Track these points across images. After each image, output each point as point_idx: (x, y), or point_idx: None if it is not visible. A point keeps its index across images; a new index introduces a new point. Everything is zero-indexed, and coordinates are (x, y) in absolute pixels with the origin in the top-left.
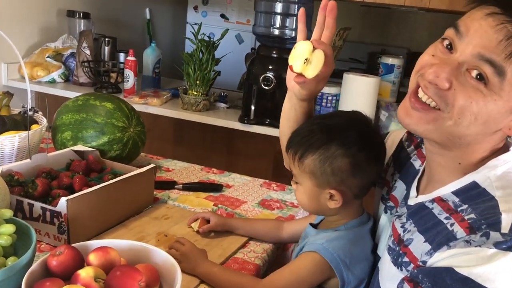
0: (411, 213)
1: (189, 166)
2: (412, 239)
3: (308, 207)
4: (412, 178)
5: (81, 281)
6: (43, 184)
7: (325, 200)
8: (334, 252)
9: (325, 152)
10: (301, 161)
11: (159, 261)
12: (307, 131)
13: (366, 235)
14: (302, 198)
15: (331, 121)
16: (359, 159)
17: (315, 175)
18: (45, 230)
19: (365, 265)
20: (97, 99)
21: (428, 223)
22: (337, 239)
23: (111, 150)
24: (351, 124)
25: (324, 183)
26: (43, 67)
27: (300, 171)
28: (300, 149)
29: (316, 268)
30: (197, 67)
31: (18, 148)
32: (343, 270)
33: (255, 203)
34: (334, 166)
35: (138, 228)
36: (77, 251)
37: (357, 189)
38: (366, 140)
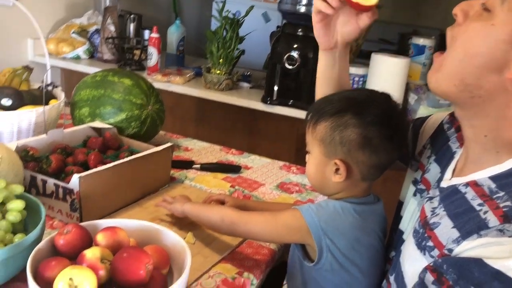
0: (443, 196)
1: (209, 146)
2: (439, 223)
3: (313, 179)
4: (448, 161)
5: (87, 261)
6: (57, 160)
7: (330, 173)
8: (315, 216)
9: (338, 119)
10: (314, 126)
11: (169, 242)
12: (327, 99)
13: (368, 215)
14: (310, 168)
15: (352, 93)
16: (371, 133)
17: (324, 142)
18: (57, 207)
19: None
20: (116, 75)
21: (459, 208)
22: (326, 206)
23: (129, 127)
24: (372, 99)
25: (331, 152)
26: (68, 43)
27: (312, 138)
28: (315, 115)
29: (293, 223)
30: (220, 45)
31: (35, 123)
32: (321, 236)
33: (274, 186)
34: (344, 134)
35: (153, 208)
36: (85, 230)
37: (364, 167)
38: (384, 117)
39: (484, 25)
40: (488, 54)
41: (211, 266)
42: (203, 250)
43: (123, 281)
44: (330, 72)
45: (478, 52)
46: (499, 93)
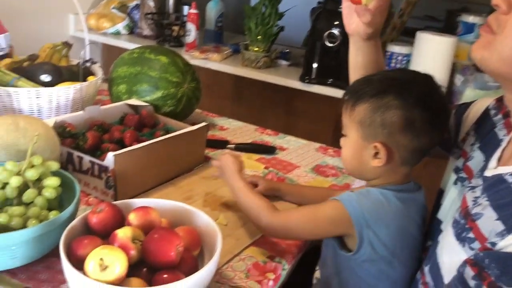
0: (487, 186)
1: (244, 126)
2: (482, 214)
3: (350, 164)
4: (493, 148)
5: (119, 241)
6: (94, 137)
7: (368, 157)
8: (358, 206)
9: (379, 101)
10: (352, 108)
11: (201, 224)
12: (367, 80)
13: (408, 204)
14: (346, 152)
15: (394, 73)
16: (414, 115)
17: (363, 125)
18: (93, 184)
19: (400, 236)
20: (152, 52)
21: (505, 199)
22: (368, 195)
23: (164, 105)
24: (414, 79)
25: (371, 135)
26: (108, 19)
27: (350, 120)
28: (354, 96)
29: (335, 216)
30: (259, 21)
31: (73, 99)
32: (363, 227)
33: (309, 169)
34: (386, 116)
35: (187, 187)
36: (118, 209)
37: (405, 151)
38: (427, 99)
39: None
40: None
41: (243, 249)
42: (235, 232)
43: (153, 261)
44: (354, 60)
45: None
46: None
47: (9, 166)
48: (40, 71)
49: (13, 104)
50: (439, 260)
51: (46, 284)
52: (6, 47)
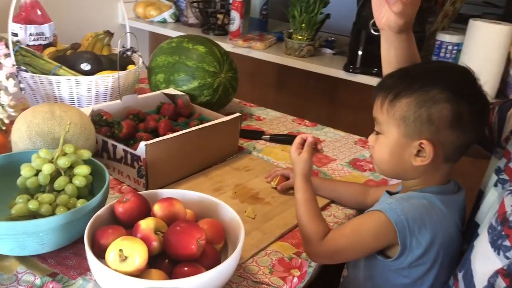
0: None
1: (281, 116)
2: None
3: (385, 166)
4: None
5: (141, 232)
6: (128, 126)
7: (409, 156)
8: (402, 214)
9: (425, 94)
10: (392, 104)
11: (226, 217)
12: (404, 72)
13: (452, 208)
14: (381, 152)
15: (433, 66)
16: (463, 109)
17: (407, 121)
18: (126, 172)
19: (444, 243)
20: (190, 42)
21: None
22: (409, 200)
23: (201, 95)
24: (455, 71)
25: (415, 132)
26: (155, 7)
27: (388, 117)
28: (393, 91)
29: (380, 229)
30: (303, 9)
31: (112, 88)
32: (407, 235)
33: (345, 162)
34: (433, 111)
35: (218, 178)
36: (144, 199)
37: (450, 147)
38: (471, 90)
39: None
40: None
41: (269, 244)
42: (263, 226)
43: (174, 254)
44: (386, 56)
45: None
46: None
47: (42, 154)
48: (80, 60)
49: (54, 92)
50: (473, 267)
51: (73, 270)
52: (50, 36)
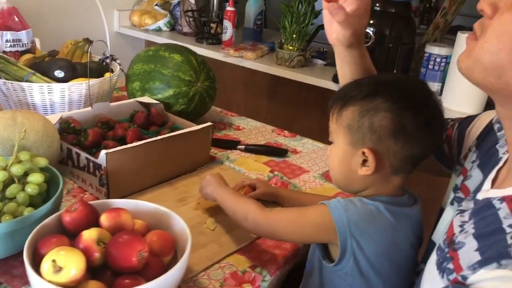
0: (475, 210)
1: (261, 126)
2: (464, 243)
3: (337, 173)
4: (492, 167)
5: (83, 242)
6: (95, 134)
7: (356, 165)
8: (344, 214)
9: (368, 103)
10: (339, 113)
11: (177, 229)
12: (355, 83)
13: (402, 219)
14: (333, 161)
15: (384, 77)
16: (405, 118)
17: (351, 129)
18: (89, 181)
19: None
20: (167, 50)
21: (488, 228)
22: (357, 203)
23: (176, 104)
24: (406, 83)
25: (359, 140)
26: (151, 15)
27: (337, 126)
28: (341, 100)
29: (321, 222)
30: (294, 19)
31: (85, 95)
32: (347, 237)
33: (318, 174)
34: (374, 120)
35: (184, 188)
36: (92, 209)
37: (395, 158)
38: (419, 103)
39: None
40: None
41: (224, 257)
42: (221, 238)
43: (115, 266)
44: (341, 72)
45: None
46: None
47: None
48: (54, 67)
49: (27, 99)
50: None
51: (18, 279)
52: (28, 43)
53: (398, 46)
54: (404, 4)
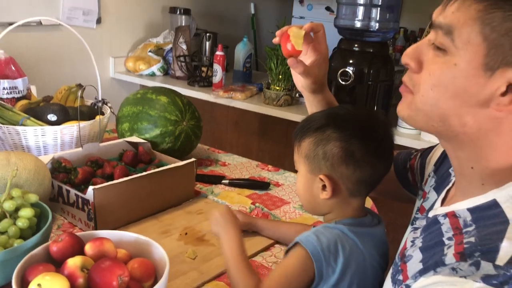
0: (425, 227)
1: (246, 162)
2: (411, 256)
3: (303, 199)
4: (443, 189)
5: (68, 269)
6: (84, 172)
7: (317, 191)
8: (318, 244)
9: (320, 134)
10: (299, 144)
11: (157, 256)
12: (311, 117)
13: (365, 238)
14: (298, 187)
15: (335, 109)
16: (353, 146)
17: (309, 158)
18: (78, 216)
19: (357, 274)
20: (154, 93)
21: (432, 241)
22: (323, 231)
23: (163, 142)
24: (353, 113)
25: (316, 168)
26: (145, 61)
27: (298, 156)
28: (300, 133)
29: (302, 263)
30: (279, 61)
31: (76, 137)
32: (323, 264)
33: (298, 205)
34: (326, 149)
35: (168, 221)
36: (78, 239)
37: (349, 182)
38: (366, 130)
39: (447, 67)
40: (464, 93)
41: (203, 282)
42: (201, 266)
43: None
44: (310, 112)
45: (452, 94)
46: (487, 123)
47: None
48: (48, 111)
49: (21, 141)
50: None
51: None
52: (23, 90)
53: (377, 84)
54: (380, 44)
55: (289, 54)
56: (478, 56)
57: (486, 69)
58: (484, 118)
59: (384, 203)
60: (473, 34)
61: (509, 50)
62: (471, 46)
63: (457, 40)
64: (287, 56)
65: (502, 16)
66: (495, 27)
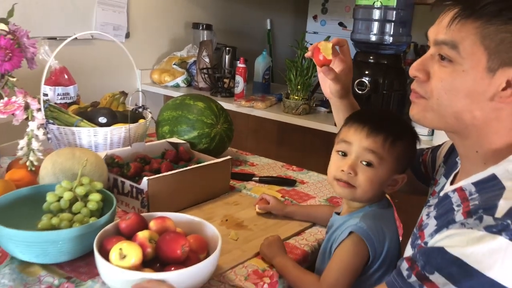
0: (437, 202)
1: (272, 163)
2: (427, 224)
3: (370, 192)
4: (451, 174)
5: (138, 240)
6: (135, 167)
7: (385, 186)
8: (368, 230)
9: (412, 139)
10: (393, 144)
11: (209, 233)
12: (396, 117)
13: (390, 218)
14: (368, 181)
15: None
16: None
17: (399, 159)
18: (132, 204)
19: (393, 245)
20: (192, 99)
21: (444, 210)
22: (367, 216)
23: (200, 143)
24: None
25: (399, 168)
26: (169, 73)
27: (387, 155)
28: (392, 134)
29: (357, 248)
30: (298, 72)
31: (124, 137)
32: (375, 244)
33: (323, 199)
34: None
35: (209, 210)
36: (142, 218)
37: None
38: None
39: (457, 73)
40: (473, 92)
41: (246, 259)
42: (243, 246)
43: (164, 257)
44: (337, 118)
45: (464, 94)
46: (491, 114)
47: (64, 184)
48: (98, 115)
49: (76, 141)
50: None
51: (84, 275)
52: (74, 96)
53: (391, 93)
54: (394, 56)
55: (322, 64)
56: (482, 62)
57: (489, 71)
58: (489, 110)
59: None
60: (475, 46)
61: (505, 53)
62: (475, 55)
63: (463, 52)
64: (320, 65)
65: (496, 30)
66: (492, 38)
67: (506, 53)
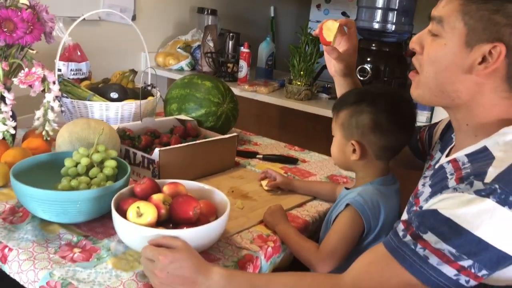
0: (433, 173)
1: (275, 143)
2: (423, 191)
3: (337, 158)
4: (447, 148)
5: (153, 201)
6: (146, 139)
7: (349, 152)
8: (364, 204)
9: (356, 107)
10: (337, 114)
11: (218, 199)
12: (349, 92)
13: (392, 194)
14: (333, 149)
15: (369, 88)
16: (382, 119)
17: (344, 126)
18: (143, 174)
19: (389, 220)
20: (200, 78)
21: (438, 179)
22: (365, 191)
23: (207, 121)
24: (385, 92)
25: (349, 134)
26: (174, 57)
27: (335, 124)
28: (338, 105)
29: (352, 219)
30: (301, 58)
31: (134, 113)
32: (370, 218)
33: (324, 177)
34: (359, 119)
35: (216, 182)
36: (155, 183)
37: (376, 147)
38: (393, 106)
39: (440, 46)
40: (453, 65)
41: (251, 226)
42: (248, 214)
43: (176, 218)
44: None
45: (445, 66)
46: (473, 88)
47: (81, 151)
48: (110, 90)
49: (88, 114)
50: None
51: (101, 234)
52: (86, 72)
53: (392, 80)
54: (396, 44)
55: (325, 43)
56: (461, 37)
57: (467, 46)
58: (470, 84)
59: None
60: (457, 21)
61: (482, 31)
62: (456, 30)
63: (446, 27)
64: (324, 44)
65: (476, 8)
66: (472, 16)
67: (483, 30)
